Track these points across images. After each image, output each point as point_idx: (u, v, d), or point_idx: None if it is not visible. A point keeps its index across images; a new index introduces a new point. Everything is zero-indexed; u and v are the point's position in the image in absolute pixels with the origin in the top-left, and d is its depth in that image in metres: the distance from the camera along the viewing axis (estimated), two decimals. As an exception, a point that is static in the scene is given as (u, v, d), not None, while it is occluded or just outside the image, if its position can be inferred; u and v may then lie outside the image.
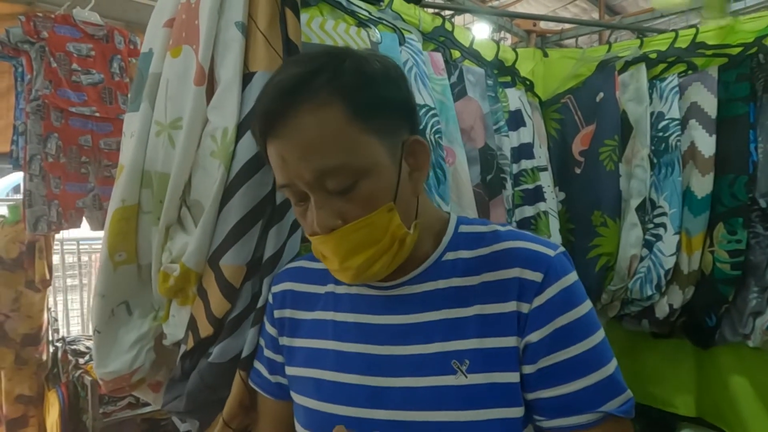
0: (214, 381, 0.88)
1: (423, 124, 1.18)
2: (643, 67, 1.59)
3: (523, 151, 1.53)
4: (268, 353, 0.85)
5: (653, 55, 1.62)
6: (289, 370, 0.81)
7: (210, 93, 0.91)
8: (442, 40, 1.46)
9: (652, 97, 1.57)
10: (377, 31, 1.23)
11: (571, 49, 1.93)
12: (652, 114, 1.55)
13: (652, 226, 1.52)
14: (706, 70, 1.51)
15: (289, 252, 0.92)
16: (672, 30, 1.68)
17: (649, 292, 1.48)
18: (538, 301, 0.67)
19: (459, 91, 1.38)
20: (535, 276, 0.68)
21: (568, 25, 2.39)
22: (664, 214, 1.49)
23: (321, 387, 0.75)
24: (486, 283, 0.70)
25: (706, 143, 1.46)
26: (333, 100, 0.62)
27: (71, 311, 3.58)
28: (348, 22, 1.20)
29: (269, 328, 0.85)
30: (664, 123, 1.52)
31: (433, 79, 1.30)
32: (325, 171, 0.63)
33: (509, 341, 0.67)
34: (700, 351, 1.61)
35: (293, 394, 0.80)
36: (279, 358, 0.83)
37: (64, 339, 2.45)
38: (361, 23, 1.22)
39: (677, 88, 1.52)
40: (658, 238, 1.49)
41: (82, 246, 3.69)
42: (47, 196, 1.87)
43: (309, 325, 0.80)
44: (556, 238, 1.54)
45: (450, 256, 0.74)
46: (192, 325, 0.91)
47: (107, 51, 1.95)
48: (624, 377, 0.69)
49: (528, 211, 1.50)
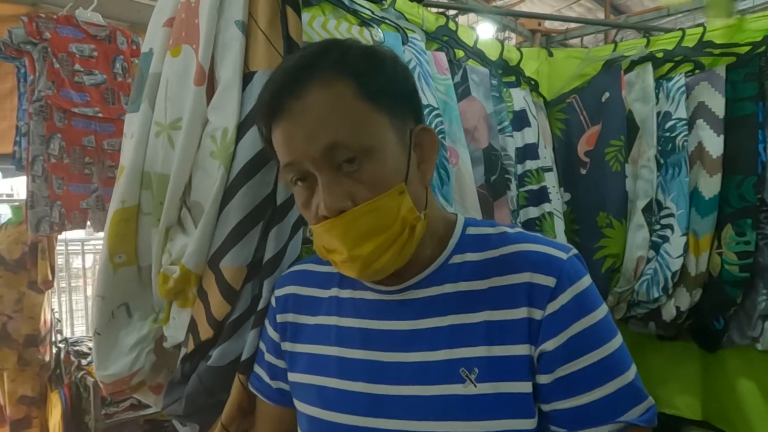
0: (213, 384, 0.87)
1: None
2: (649, 66, 1.58)
3: (528, 151, 1.52)
4: (269, 358, 0.83)
5: (660, 55, 1.60)
6: (292, 377, 0.79)
7: (210, 93, 0.90)
8: (445, 39, 1.45)
9: (659, 96, 1.55)
10: (380, 30, 1.23)
11: (576, 49, 1.92)
12: (658, 114, 1.54)
13: (658, 227, 1.50)
14: (713, 70, 1.50)
15: (290, 253, 0.90)
16: (679, 29, 1.66)
17: (656, 294, 1.47)
18: (552, 307, 0.64)
19: (462, 90, 1.37)
20: (548, 281, 0.65)
21: (573, 25, 2.37)
22: (671, 215, 1.47)
23: (323, 395, 0.73)
24: (494, 288, 0.67)
25: (714, 143, 1.45)
26: (342, 77, 0.62)
27: (75, 312, 3.60)
28: (350, 22, 1.20)
29: (271, 333, 0.83)
30: (671, 123, 1.51)
31: (437, 78, 1.28)
32: (334, 146, 0.61)
33: (520, 349, 0.65)
34: (707, 354, 1.59)
35: (296, 402, 0.78)
36: (281, 364, 0.81)
37: (66, 340, 2.45)
38: (364, 22, 1.22)
39: (684, 88, 1.50)
40: (665, 239, 1.48)
41: (86, 247, 3.71)
42: (50, 197, 1.87)
43: (312, 331, 0.78)
44: (561, 239, 1.52)
45: (457, 259, 0.71)
46: (192, 327, 0.90)
47: (110, 52, 1.95)
48: None
49: (533, 212, 1.48)
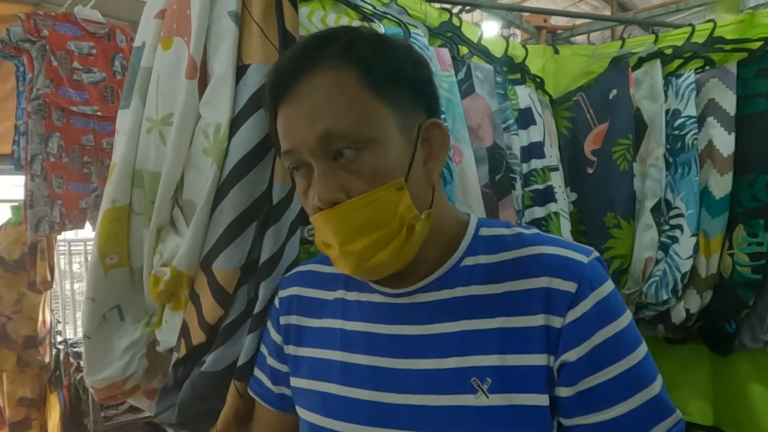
0: (206, 391, 0.84)
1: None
2: (657, 63, 1.54)
3: (534, 150, 1.49)
4: (271, 362, 0.79)
5: (668, 51, 1.56)
6: (294, 382, 0.75)
7: (202, 87, 0.87)
8: (449, 35, 1.42)
9: (668, 94, 1.51)
10: (381, 25, 1.22)
11: (582, 46, 1.89)
12: (667, 112, 1.50)
13: (667, 227, 1.46)
14: (724, 66, 1.46)
15: (288, 254, 0.87)
16: (688, 24, 1.62)
17: (665, 297, 1.43)
18: (573, 315, 0.60)
19: (466, 88, 1.34)
20: (568, 286, 0.61)
21: (579, 21, 2.33)
22: (680, 216, 1.43)
23: (326, 401, 0.70)
24: (509, 293, 0.63)
25: (725, 141, 1.41)
26: (347, 65, 0.61)
27: (76, 312, 3.59)
28: (351, 17, 1.18)
29: (274, 335, 0.79)
30: (680, 121, 1.47)
31: (440, 75, 1.25)
32: (330, 134, 0.59)
33: (537, 359, 0.60)
34: (717, 357, 1.55)
35: (298, 408, 0.75)
36: (284, 368, 0.78)
37: (66, 341, 2.44)
38: (365, 17, 1.19)
39: (694, 85, 1.46)
40: (675, 240, 1.44)
41: (88, 247, 3.70)
42: (49, 197, 1.85)
43: (316, 334, 0.74)
44: (567, 239, 1.49)
45: (469, 261, 0.67)
46: (184, 331, 0.87)
47: (109, 49, 1.93)
48: None
49: (538, 212, 1.45)
